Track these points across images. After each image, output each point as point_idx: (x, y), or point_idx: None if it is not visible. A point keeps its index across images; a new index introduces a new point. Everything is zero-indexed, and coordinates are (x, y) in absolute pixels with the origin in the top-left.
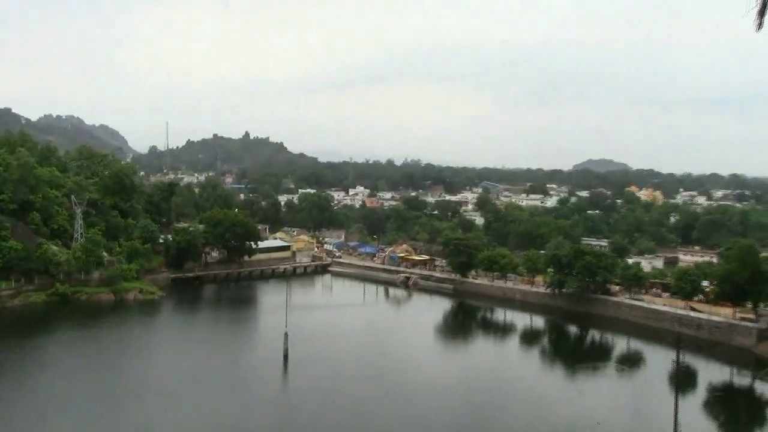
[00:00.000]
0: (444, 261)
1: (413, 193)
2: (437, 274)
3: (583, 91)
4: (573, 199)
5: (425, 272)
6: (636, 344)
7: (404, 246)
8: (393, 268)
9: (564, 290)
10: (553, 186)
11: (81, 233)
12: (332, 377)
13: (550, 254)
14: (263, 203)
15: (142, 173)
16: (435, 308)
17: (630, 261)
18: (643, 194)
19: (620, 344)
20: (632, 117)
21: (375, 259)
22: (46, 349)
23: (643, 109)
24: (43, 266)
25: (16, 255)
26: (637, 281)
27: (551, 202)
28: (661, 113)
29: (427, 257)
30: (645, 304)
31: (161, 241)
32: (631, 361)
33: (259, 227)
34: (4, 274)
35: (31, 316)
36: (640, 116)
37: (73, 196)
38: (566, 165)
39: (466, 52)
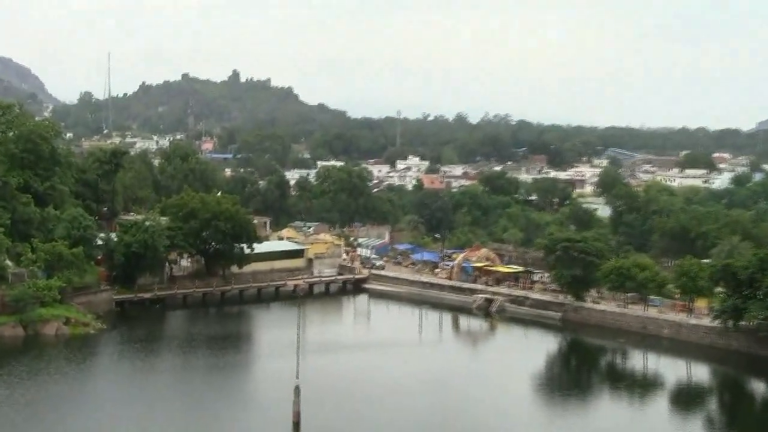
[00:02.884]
0: (547, 274)
1: (498, 167)
2: (536, 296)
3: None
4: (757, 177)
5: (517, 292)
6: None
7: (483, 251)
8: (466, 285)
9: (743, 323)
10: (724, 155)
11: None
12: None
13: (720, 265)
14: (261, 183)
15: (69, 135)
16: (533, 349)
17: None
18: None
19: None
20: None
21: (438, 271)
22: None
23: None
24: None
25: None
26: None
27: (721, 181)
28: None
29: (519, 268)
30: None
31: (100, 242)
32: None
33: (256, 221)
34: None
35: None
36: None
37: None
38: (745, 123)
39: None
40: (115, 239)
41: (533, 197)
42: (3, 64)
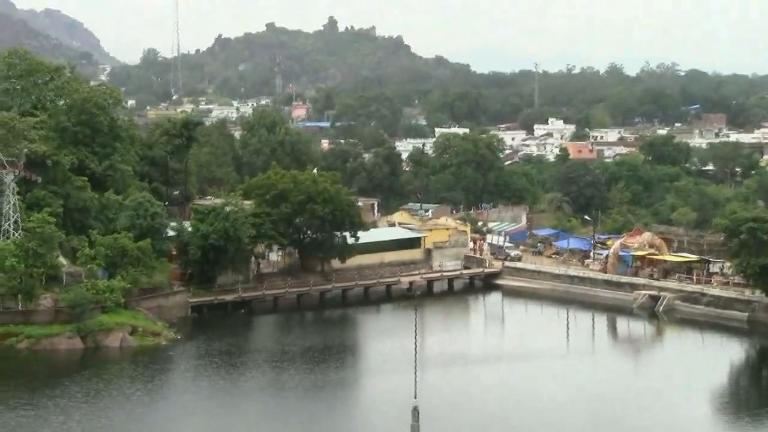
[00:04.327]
0: (728, 264)
1: (663, 130)
2: (714, 291)
3: None
4: None
5: (690, 287)
6: None
7: (646, 236)
8: (625, 279)
9: None
10: None
11: (15, 221)
12: None
13: None
14: (366, 156)
15: (131, 103)
16: (712, 359)
17: None
18: None
19: None
20: None
21: (589, 262)
22: None
23: None
24: None
25: None
26: None
27: None
28: None
29: (692, 257)
30: None
31: (172, 233)
32: None
33: (361, 203)
34: None
35: None
36: None
37: None
38: None
39: None
40: (190, 229)
41: (709, 167)
42: (51, 17)
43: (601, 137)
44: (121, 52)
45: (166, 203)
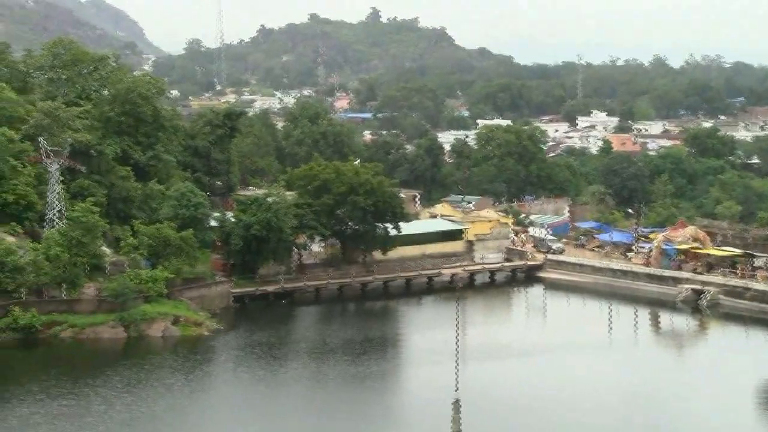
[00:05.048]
0: None
1: (708, 123)
2: (759, 286)
3: None
4: None
5: (734, 281)
6: None
7: (690, 229)
8: (668, 273)
9: None
10: None
11: (60, 210)
12: None
13: None
14: (409, 148)
15: (174, 93)
16: (758, 354)
17: None
18: None
19: None
20: None
21: (631, 255)
22: None
23: None
24: None
25: None
26: None
27: None
28: None
29: (737, 251)
30: None
31: (214, 223)
32: None
33: (403, 195)
34: None
35: None
36: None
37: (42, 139)
38: None
39: None
40: (232, 220)
41: (754, 160)
42: (96, 7)
43: (645, 129)
44: (165, 43)
45: (209, 193)
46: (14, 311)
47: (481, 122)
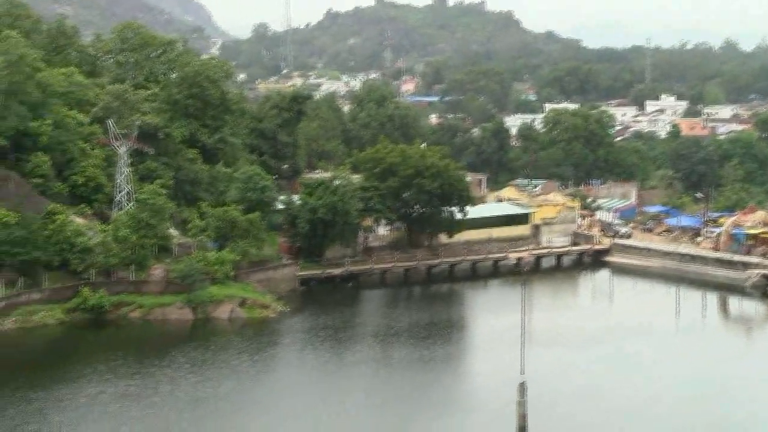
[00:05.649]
0: None
1: None
2: None
3: None
4: None
5: None
6: None
7: (760, 214)
8: (737, 258)
9: None
10: None
11: (128, 192)
12: None
13: None
14: (475, 131)
15: (241, 77)
16: None
17: None
18: None
19: None
20: None
21: (700, 239)
22: None
23: None
24: (59, 256)
25: (7, 236)
26: None
27: None
28: None
29: None
30: None
31: (281, 206)
32: None
33: (469, 178)
34: None
35: (31, 356)
36: None
37: (110, 122)
38: None
39: None
40: (299, 203)
41: None
42: None
43: (715, 114)
44: (233, 27)
45: (275, 176)
46: (84, 292)
47: (548, 106)
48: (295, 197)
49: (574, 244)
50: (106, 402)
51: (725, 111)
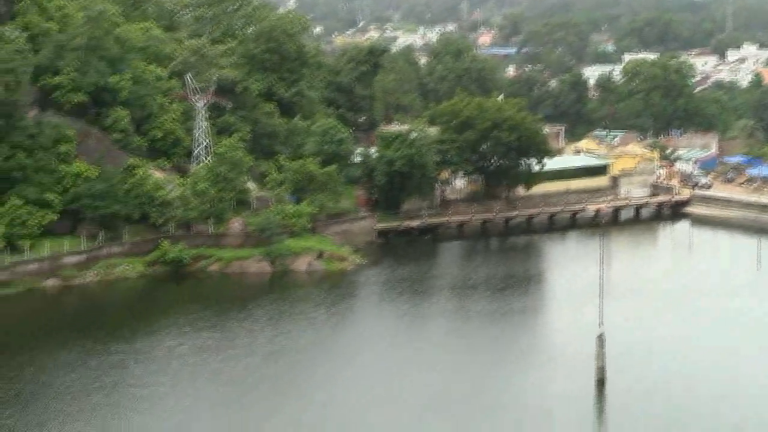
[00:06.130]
0: None
1: None
2: None
3: None
4: None
5: None
6: None
7: None
8: None
9: None
10: None
11: (206, 146)
12: None
13: None
14: (553, 83)
15: (317, 30)
16: None
17: None
18: None
19: None
20: None
21: None
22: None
23: None
24: (138, 209)
25: (88, 190)
26: None
27: None
28: None
29: None
30: None
31: (358, 159)
32: None
33: (547, 130)
34: (66, 226)
35: (114, 308)
36: None
37: (188, 76)
38: None
39: None
40: (376, 155)
41: None
42: None
43: None
44: None
45: (352, 129)
46: (163, 245)
47: (627, 57)
48: (372, 150)
49: (653, 195)
50: (185, 354)
51: None
